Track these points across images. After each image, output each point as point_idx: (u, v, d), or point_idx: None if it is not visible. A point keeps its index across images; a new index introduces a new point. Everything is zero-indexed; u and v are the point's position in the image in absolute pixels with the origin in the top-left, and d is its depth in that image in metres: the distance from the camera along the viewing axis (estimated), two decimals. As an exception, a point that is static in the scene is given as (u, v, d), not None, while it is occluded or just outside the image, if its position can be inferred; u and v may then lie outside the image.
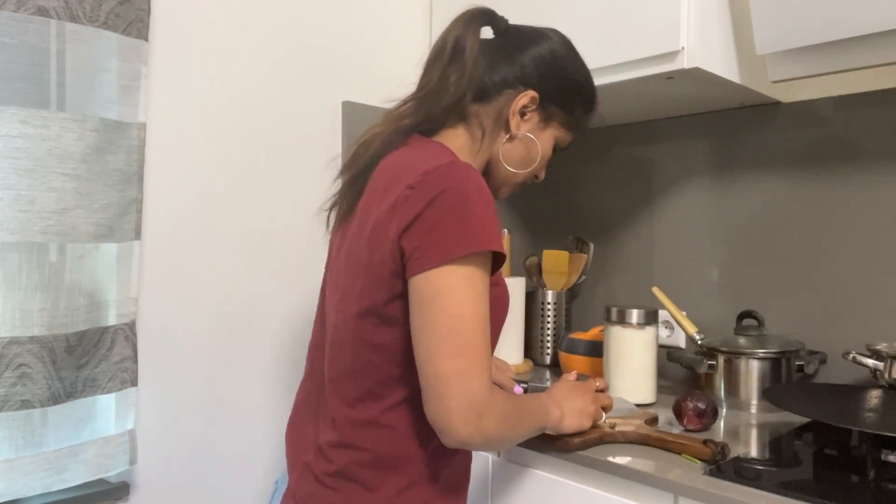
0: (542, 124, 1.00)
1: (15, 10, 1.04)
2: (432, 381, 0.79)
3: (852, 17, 1.08)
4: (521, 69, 0.98)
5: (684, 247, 1.64)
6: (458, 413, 0.78)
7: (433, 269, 0.79)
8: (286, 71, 1.46)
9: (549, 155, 1.03)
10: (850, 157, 1.39)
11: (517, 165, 1.00)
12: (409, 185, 0.82)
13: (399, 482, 0.87)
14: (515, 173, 1.00)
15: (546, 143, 1.02)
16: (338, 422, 0.89)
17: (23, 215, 1.05)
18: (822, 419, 1.04)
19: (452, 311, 0.79)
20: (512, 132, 0.97)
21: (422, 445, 0.87)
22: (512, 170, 1.00)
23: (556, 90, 1.00)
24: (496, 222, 0.83)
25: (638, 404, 1.32)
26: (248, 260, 1.40)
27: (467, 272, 0.80)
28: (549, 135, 1.02)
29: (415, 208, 0.81)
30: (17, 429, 1.06)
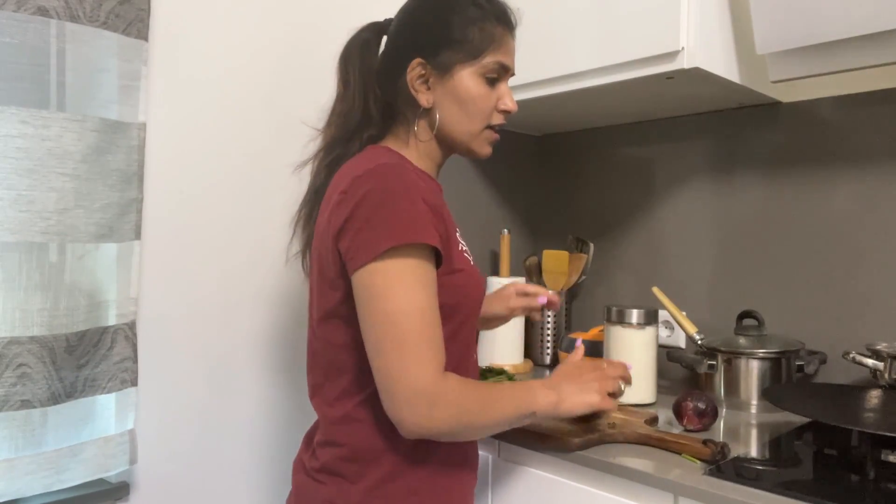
0: (447, 76, 0.96)
1: (15, 10, 1.04)
2: (378, 377, 0.83)
3: (852, 17, 1.08)
4: (395, 48, 1.01)
5: (684, 247, 1.64)
6: (405, 406, 0.81)
7: (363, 268, 0.83)
8: (286, 71, 1.46)
9: (484, 91, 0.97)
10: (850, 157, 1.39)
11: (465, 122, 0.98)
12: (342, 191, 0.87)
13: (378, 473, 0.89)
14: (470, 129, 0.99)
15: (468, 87, 0.96)
16: (323, 422, 0.95)
17: (23, 215, 1.05)
18: (822, 419, 1.04)
19: (387, 307, 0.82)
20: (424, 106, 0.97)
21: (396, 438, 0.88)
22: (465, 128, 0.99)
23: (431, 38, 0.97)
24: (422, 215, 0.84)
25: (638, 404, 1.32)
26: (248, 260, 1.40)
27: (397, 266, 0.82)
28: (465, 78, 0.96)
29: (345, 211, 0.85)
30: (17, 429, 1.06)
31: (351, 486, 0.89)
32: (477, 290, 0.97)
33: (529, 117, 1.76)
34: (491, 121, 1.00)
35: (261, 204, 1.42)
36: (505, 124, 1.02)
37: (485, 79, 0.97)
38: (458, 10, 0.97)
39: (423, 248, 0.84)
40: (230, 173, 1.37)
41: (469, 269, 0.96)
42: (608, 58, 1.33)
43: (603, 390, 0.95)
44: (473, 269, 0.98)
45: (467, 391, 0.85)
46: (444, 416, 0.82)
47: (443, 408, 0.82)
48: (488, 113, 0.99)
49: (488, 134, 1.01)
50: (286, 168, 1.46)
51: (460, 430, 0.86)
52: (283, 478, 1.45)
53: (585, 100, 1.51)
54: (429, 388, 0.81)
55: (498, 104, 1.00)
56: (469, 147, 1.01)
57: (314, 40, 1.50)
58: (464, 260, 0.96)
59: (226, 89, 1.36)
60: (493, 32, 0.97)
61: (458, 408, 0.83)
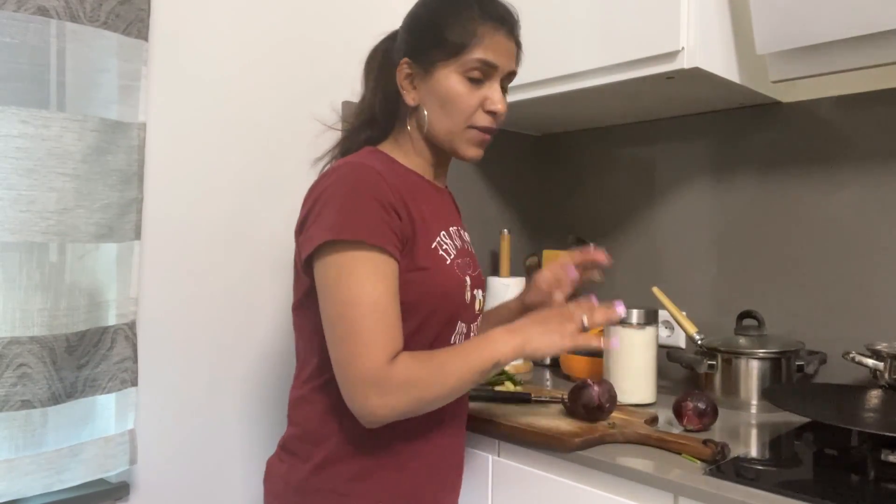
0: (429, 75, 0.96)
1: (15, 10, 1.04)
2: (335, 367, 0.87)
3: (852, 17, 1.08)
4: (395, 50, 1.02)
5: (684, 247, 1.64)
6: (358, 394, 0.85)
7: (318, 262, 0.88)
8: (286, 71, 1.46)
9: (463, 90, 0.95)
10: (850, 156, 1.39)
11: (445, 122, 0.97)
12: (310, 189, 0.93)
13: (324, 454, 0.93)
14: (451, 128, 0.97)
15: (447, 85, 0.95)
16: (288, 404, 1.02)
17: (23, 215, 1.05)
18: (822, 419, 1.04)
19: (337, 298, 0.86)
20: (410, 105, 0.99)
21: (343, 423, 0.92)
22: (446, 128, 0.97)
23: (418, 38, 0.98)
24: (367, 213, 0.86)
25: (638, 404, 1.32)
26: (248, 259, 1.40)
27: (345, 260, 0.86)
28: (445, 77, 0.95)
29: (306, 208, 0.92)
30: (17, 429, 1.06)
31: (301, 464, 0.94)
32: (445, 290, 0.95)
33: (529, 117, 1.76)
34: (474, 121, 0.97)
35: (261, 203, 1.42)
36: (494, 127, 0.99)
37: (466, 77, 0.95)
38: (446, 10, 0.97)
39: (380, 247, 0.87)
40: (230, 173, 1.37)
41: (436, 268, 0.94)
42: (608, 58, 1.33)
43: (565, 330, 0.91)
44: (446, 268, 0.96)
45: (418, 365, 0.86)
46: (398, 398, 0.85)
47: (393, 390, 0.84)
48: (469, 113, 0.96)
49: (473, 135, 0.98)
50: (286, 167, 1.46)
51: (420, 405, 0.87)
52: (283, 478, 1.45)
53: (585, 100, 1.51)
54: (376, 375, 0.84)
55: (485, 104, 0.97)
56: (452, 147, 0.99)
57: (314, 40, 1.50)
58: (434, 258, 0.94)
59: (226, 89, 1.36)
60: (476, 30, 0.95)
61: (410, 385, 0.85)
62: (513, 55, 0.99)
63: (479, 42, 0.95)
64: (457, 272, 0.97)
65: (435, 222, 0.97)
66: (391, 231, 0.87)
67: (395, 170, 0.98)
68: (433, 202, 1.01)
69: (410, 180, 0.99)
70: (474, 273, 1.03)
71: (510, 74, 1.00)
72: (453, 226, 1.04)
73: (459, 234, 1.05)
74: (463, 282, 0.98)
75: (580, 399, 1.16)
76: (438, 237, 0.97)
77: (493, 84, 0.97)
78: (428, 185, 1.02)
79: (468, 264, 1.02)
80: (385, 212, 0.87)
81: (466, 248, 1.05)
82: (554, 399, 1.29)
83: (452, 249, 0.99)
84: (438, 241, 0.97)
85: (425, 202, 0.97)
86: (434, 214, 0.98)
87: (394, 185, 0.91)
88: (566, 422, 1.16)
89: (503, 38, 0.97)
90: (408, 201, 0.92)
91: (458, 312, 0.98)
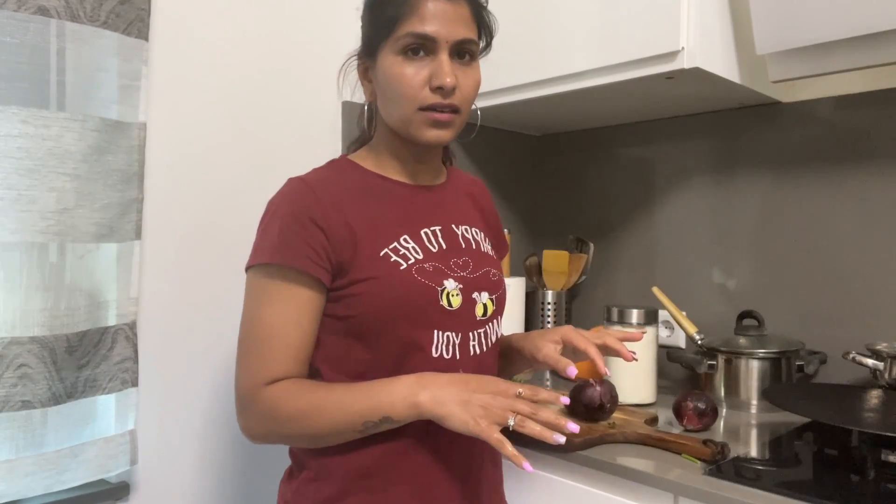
0: (374, 65, 0.91)
1: (15, 10, 1.03)
2: None
3: (852, 17, 1.08)
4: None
5: (684, 247, 1.64)
6: (235, 411, 0.88)
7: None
8: (286, 71, 1.46)
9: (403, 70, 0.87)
10: (850, 157, 1.40)
11: (394, 109, 0.90)
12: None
13: (308, 474, 0.90)
14: (400, 114, 0.89)
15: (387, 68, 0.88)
16: None
17: (23, 215, 1.05)
18: (822, 419, 1.04)
19: (242, 316, 0.89)
20: (368, 100, 0.97)
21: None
22: (397, 115, 0.90)
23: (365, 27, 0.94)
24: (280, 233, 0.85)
25: (638, 404, 1.32)
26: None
27: (251, 283, 0.88)
28: (384, 60, 0.89)
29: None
30: (17, 429, 1.06)
31: (293, 480, 0.93)
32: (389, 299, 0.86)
33: (529, 117, 1.76)
34: (422, 101, 0.87)
35: (261, 203, 1.42)
36: (447, 102, 0.87)
37: (403, 55, 0.87)
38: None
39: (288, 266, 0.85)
40: (230, 173, 1.37)
41: (385, 276, 0.86)
42: (608, 58, 1.33)
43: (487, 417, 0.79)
44: (399, 274, 0.87)
45: (290, 398, 0.83)
46: (257, 424, 0.86)
47: (254, 416, 0.85)
48: (413, 93, 0.87)
49: (424, 116, 0.87)
50: (286, 167, 1.46)
51: (283, 439, 0.87)
52: (284, 478, 1.45)
53: (585, 100, 1.51)
54: (245, 396, 0.86)
55: (432, 81, 0.86)
56: (409, 134, 0.90)
57: (315, 40, 1.50)
58: (382, 266, 0.87)
59: (226, 89, 1.36)
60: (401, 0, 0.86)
61: (269, 417, 0.84)
62: (458, 19, 0.87)
63: (409, 12, 0.85)
64: (416, 277, 0.88)
65: (394, 227, 0.90)
66: (308, 247, 0.84)
67: (350, 177, 0.92)
68: (400, 205, 0.93)
69: (366, 186, 0.92)
70: (473, 274, 0.93)
71: (462, 42, 0.88)
72: (436, 225, 0.94)
73: (454, 233, 0.95)
74: (426, 286, 0.88)
75: (581, 399, 1.16)
76: (396, 242, 0.89)
77: (437, 57, 0.86)
78: (397, 188, 0.95)
79: (460, 265, 0.93)
80: (303, 228, 0.84)
81: (463, 248, 0.95)
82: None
83: (418, 253, 0.90)
84: (395, 247, 0.89)
85: (385, 206, 0.91)
86: (396, 218, 0.91)
87: (328, 197, 0.87)
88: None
89: (441, 3, 0.86)
90: (348, 211, 0.87)
91: (425, 320, 0.87)
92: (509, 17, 1.47)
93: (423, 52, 0.87)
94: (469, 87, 0.90)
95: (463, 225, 0.98)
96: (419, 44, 0.86)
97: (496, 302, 0.96)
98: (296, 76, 1.47)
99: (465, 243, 0.96)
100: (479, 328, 0.93)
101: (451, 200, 1.01)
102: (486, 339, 0.94)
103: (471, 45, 0.89)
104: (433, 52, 0.87)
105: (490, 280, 0.96)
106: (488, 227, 1.06)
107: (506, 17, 1.47)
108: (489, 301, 0.94)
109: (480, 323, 0.93)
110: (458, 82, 0.87)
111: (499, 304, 0.97)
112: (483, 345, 0.93)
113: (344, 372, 0.88)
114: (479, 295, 0.93)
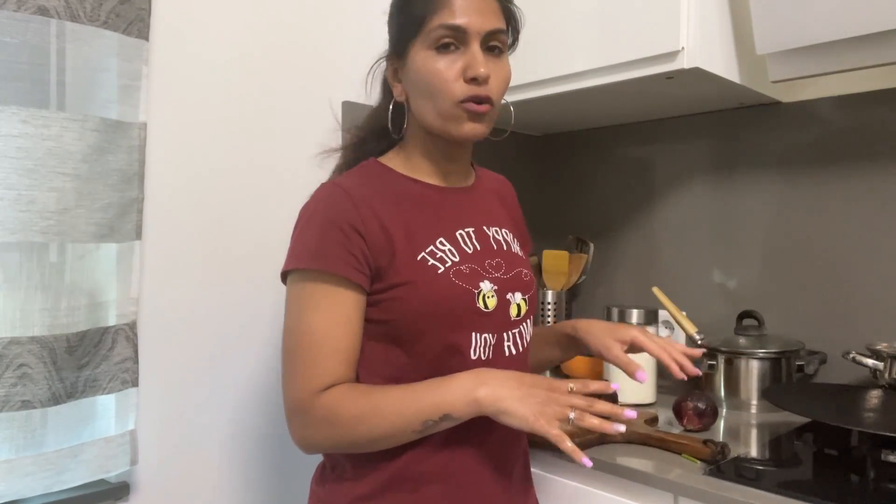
0: (406, 62, 0.91)
1: (15, 10, 1.03)
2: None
3: (852, 17, 1.08)
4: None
5: (684, 247, 1.64)
6: (288, 421, 0.86)
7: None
8: (286, 71, 1.46)
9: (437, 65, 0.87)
10: (850, 156, 1.40)
11: (429, 106, 0.89)
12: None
13: (342, 473, 0.90)
14: (438, 110, 0.88)
15: (420, 65, 0.88)
16: None
17: (23, 215, 1.05)
18: (822, 419, 1.04)
19: (285, 326, 0.87)
20: (398, 99, 0.94)
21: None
22: (432, 112, 0.89)
23: (393, 27, 0.94)
24: (319, 239, 0.85)
25: (638, 404, 1.32)
26: (249, 260, 1.40)
27: (294, 289, 0.87)
28: (416, 57, 0.89)
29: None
30: (17, 429, 1.05)
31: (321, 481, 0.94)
32: (428, 303, 0.86)
33: (529, 117, 1.76)
34: (457, 95, 0.86)
35: (261, 203, 1.42)
36: (484, 94, 0.87)
37: (435, 50, 0.87)
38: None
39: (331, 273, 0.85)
40: (231, 173, 1.37)
41: (423, 280, 0.86)
42: (608, 58, 1.33)
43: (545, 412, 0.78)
44: (437, 278, 0.87)
45: (347, 402, 0.83)
46: (317, 432, 0.84)
47: (313, 424, 0.83)
48: (449, 88, 0.86)
49: (462, 108, 0.87)
50: (287, 167, 1.46)
51: (344, 445, 0.84)
52: (285, 478, 1.45)
53: (585, 100, 1.51)
54: (301, 405, 0.84)
55: (465, 73, 0.86)
56: (446, 131, 0.89)
57: (316, 40, 1.50)
58: (420, 270, 0.87)
59: (226, 89, 1.36)
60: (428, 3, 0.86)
61: (330, 422, 0.83)
62: (488, 10, 0.87)
63: (438, 6, 0.86)
64: (453, 280, 0.88)
65: (429, 230, 0.90)
66: (348, 253, 0.84)
67: (383, 182, 0.92)
68: (434, 208, 0.93)
69: (401, 191, 0.92)
70: (507, 275, 0.93)
71: (493, 33, 0.88)
72: (470, 227, 0.94)
73: (486, 235, 0.96)
74: (464, 289, 0.88)
75: (580, 399, 1.16)
76: (432, 245, 0.89)
77: (469, 49, 0.87)
78: (430, 191, 0.95)
79: (494, 266, 0.93)
80: (342, 234, 0.84)
81: (496, 249, 0.95)
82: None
83: (454, 255, 0.90)
84: (431, 250, 0.89)
85: (420, 210, 0.91)
86: (431, 222, 0.91)
87: (365, 202, 0.87)
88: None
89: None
90: (384, 216, 0.87)
91: (463, 323, 0.88)
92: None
93: (455, 46, 0.87)
94: (500, 80, 0.90)
95: (494, 226, 0.98)
96: (451, 36, 0.86)
97: (529, 302, 0.96)
98: (296, 76, 1.47)
99: (496, 245, 0.96)
100: (513, 328, 0.93)
101: (482, 201, 1.01)
102: (521, 340, 0.94)
103: (501, 35, 0.89)
104: (465, 44, 0.87)
105: (522, 280, 0.95)
106: (515, 226, 1.06)
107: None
108: (522, 301, 0.94)
109: (515, 323, 0.93)
110: (490, 73, 0.87)
111: (531, 304, 0.97)
112: (518, 345, 0.93)
113: (380, 375, 0.88)
114: (512, 296, 0.93)
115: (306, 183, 1.52)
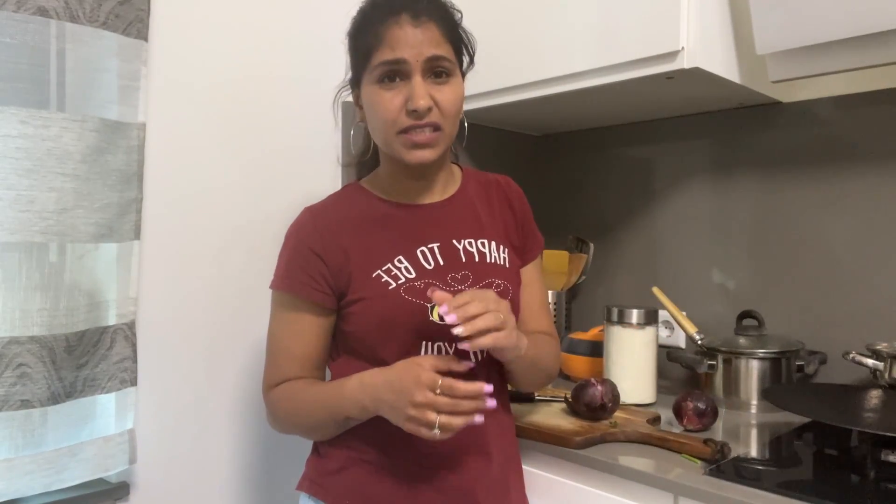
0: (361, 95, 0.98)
1: (15, 10, 1.03)
2: None
3: (852, 17, 1.08)
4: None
5: (684, 247, 1.64)
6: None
7: None
8: (286, 71, 1.46)
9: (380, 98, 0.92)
10: (850, 157, 1.39)
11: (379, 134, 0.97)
12: None
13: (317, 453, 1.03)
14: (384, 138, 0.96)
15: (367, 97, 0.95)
16: None
17: (23, 215, 1.05)
18: (822, 419, 1.04)
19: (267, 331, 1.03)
20: (359, 122, 1.04)
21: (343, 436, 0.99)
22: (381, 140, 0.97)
23: (350, 60, 1.00)
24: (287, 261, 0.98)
25: (638, 404, 1.32)
26: (248, 260, 1.40)
27: (273, 303, 1.01)
28: (365, 90, 0.96)
29: None
30: (16, 428, 1.06)
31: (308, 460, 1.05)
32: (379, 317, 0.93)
33: (529, 117, 1.76)
34: (399, 125, 0.92)
35: (261, 203, 1.42)
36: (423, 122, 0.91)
37: (378, 84, 0.93)
38: (355, 24, 0.98)
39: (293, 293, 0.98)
40: (230, 173, 1.37)
41: (375, 296, 0.93)
42: (608, 58, 1.32)
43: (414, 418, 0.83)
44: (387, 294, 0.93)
45: (285, 398, 0.98)
46: (272, 420, 1.02)
47: (271, 412, 1.01)
48: (392, 118, 0.92)
49: (403, 139, 0.93)
50: (286, 167, 1.46)
51: (290, 431, 1.01)
52: (285, 477, 1.45)
53: (585, 100, 1.51)
54: (263, 397, 1.02)
55: (407, 105, 0.91)
56: (396, 157, 0.96)
57: (316, 40, 1.50)
58: (373, 287, 0.94)
59: (226, 89, 1.36)
60: (377, 31, 0.91)
61: (274, 414, 1.00)
62: (426, 40, 0.91)
63: (380, 42, 0.91)
64: (404, 296, 0.93)
65: (389, 249, 0.96)
66: (308, 276, 0.96)
67: (353, 204, 1.02)
68: (398, 228, 0.99)
69: (368, 212, 1.00)
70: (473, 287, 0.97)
71: (433, 60, 0.91)
72: (435, 242, 0.98)
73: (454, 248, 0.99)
74: (414, 304, 0.93)
75: (583, 398, 1.16)
76: (389, 264, 0.95)
77: (412, 80, 0.91)
78: (396, 210, 1.00)
79: (459, 279, 0.96)
80: (303, 258, 0.96)
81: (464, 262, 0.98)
82: (556, 398, 1.30)
83: (409, 272, 0.95)
84: (388, 268, 0.95)
85: (382, 230, 0.98)
86: (392, 240, 0.97)
87: (328, 228, 0.97)
88: (568, 420, 1.16)
89: (406, 26, 0.90)
90: (345, 239, 0.97)
91: (416, 334, 0.93)
92: (509, 17, 1.47)
93: (399, 78, 0.92)
94: (448, 102, 0.93)
95: (466, 239, 1.01)
96: (393, 70, 0.91)
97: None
98: (295, 76, 1.47)
99: (466, 257, 1.00)
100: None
101: (456, 214, 1.03)
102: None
103: (443, 61, 0.93)
104: (407, 76, 0.92)
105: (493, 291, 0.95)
106: (508, 230, 1.07)
107: (506, 17, 1.47)
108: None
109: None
110: (435, 100, 0.92)
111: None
112: (481, 352, 0.97)
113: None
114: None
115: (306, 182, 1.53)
